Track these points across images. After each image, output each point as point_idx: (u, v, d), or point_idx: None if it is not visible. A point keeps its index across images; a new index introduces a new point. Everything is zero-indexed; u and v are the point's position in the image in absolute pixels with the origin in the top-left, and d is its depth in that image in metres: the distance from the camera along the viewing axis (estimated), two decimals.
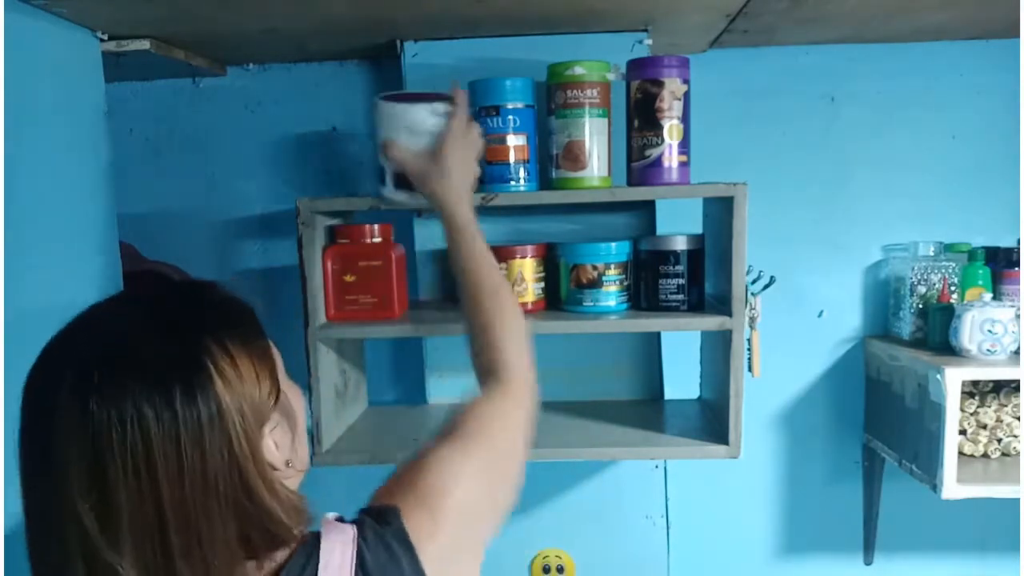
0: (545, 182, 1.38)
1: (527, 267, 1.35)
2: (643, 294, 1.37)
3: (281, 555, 0.70)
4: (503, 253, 1.34)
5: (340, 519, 0.74)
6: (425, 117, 1.11)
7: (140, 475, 0.61)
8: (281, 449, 0.71)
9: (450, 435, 0.85)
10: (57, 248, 1.17)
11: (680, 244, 1.33)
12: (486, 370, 0.98)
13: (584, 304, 1.34)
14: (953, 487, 1.40)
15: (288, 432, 0.73)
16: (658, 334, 1.55)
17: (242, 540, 0.66)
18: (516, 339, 1.00)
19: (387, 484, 0.79)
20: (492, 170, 1.32)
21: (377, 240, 1.37)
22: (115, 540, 0.62)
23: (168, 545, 0.63)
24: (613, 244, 1.35)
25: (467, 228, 1.06)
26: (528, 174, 1.34)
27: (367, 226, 1.36)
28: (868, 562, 1.80)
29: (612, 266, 1.34)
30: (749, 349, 1.34)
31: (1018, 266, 1.52)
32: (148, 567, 0.63)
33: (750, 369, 1.35)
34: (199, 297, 0.72)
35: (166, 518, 0.62)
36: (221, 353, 0.65)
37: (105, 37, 1.31)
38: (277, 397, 0.71)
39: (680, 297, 1.33)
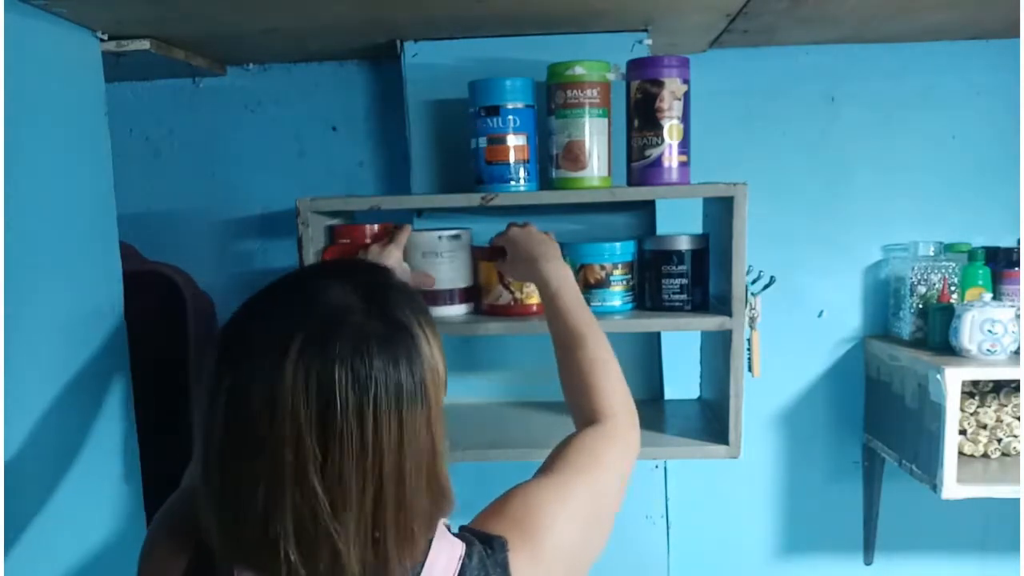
0: (545, 182, 1.38)
1: None
2: (647, 294, 1.37)
3: None
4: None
5: (448, 527, 0.76)
6: (434, 242, 1.31)
7: (367, 443, 0.64)
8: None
9: (551, 470, 0.85)
10: (57, 248, 1.17)
11: (683, 244, 1.33)
12: (586, 415, 0.96)
13: (591, 304, 1.33)
14: (953, 487, 1.40)
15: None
16: (658, 334, 1.55)
17: (429, 515, 0.70)
18: (612, 379, 0.99)
19: (493, 511, 0.79)
20: (492, 170, 1.32)
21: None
22: (342, 516, 0.64)
23: (384, 522, 0.66)
24: (619, 244, 1.35)
25: (554, 289, 1.09)
26: (528, 174, 1.34)
27: (367, 226, 1.36)
28: (868, 562, 1.80)
29: (619, 266, 1.34)
30: (749, 349, 1.34)
31: (1018, 266, 1.52)
32: (364, 544, 0.65)
33: (750, 369, 1.35)
34: (398, 284, 0.75)
35: (385, 495, 0.65)
36: (424, 337, 0.70)
37: (105, 37, 1.31)
38: (445, 389, 0.75)
39: (683, 297, 1.33)
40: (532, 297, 1.34)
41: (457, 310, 1.35)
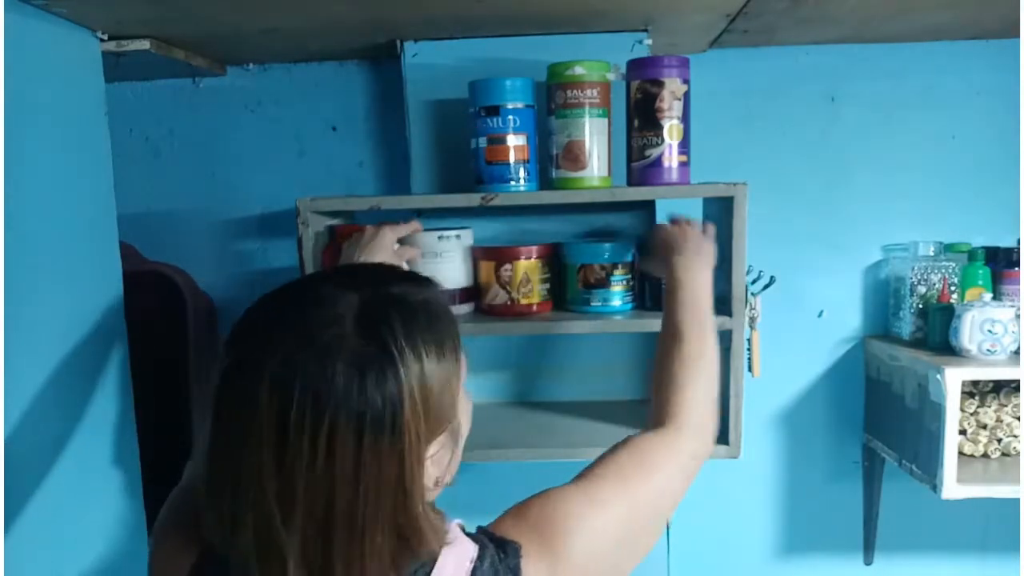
0: (545, 182, 1.38)
1: (532, 268, 1.35)
2: (647, 294, 1.37)
3: None
4: (507, 254, 1.34)
5: (462, 527, 0.73)
6: (434, 242, 1.34)
7: (318, 465, 0.62)
8: (436, 468, 0.71)
9: (592, 475, 0.80)
10: (57, 248, 1.17)
11: None
12: (656, 416, 0.92)
13: (592, 304, 1.34)
14: (953, 487, 1.40)
15: (449, 452, 0.73)
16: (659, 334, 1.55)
17: (392, 555, 0.66)
18: (698, 386, 0.94)
19: (514, 513, 0.76)
20: (492, 170, 1.32)
21: None
22: (290, 528, 0.63)
23: (331, 549, 0.63)
24: (619, 244, 1.35)
25: (675, 282, 1.06)
26: (528, 174, 1.34)
27: (367, 226, 1.36)
28: (868, 562, 1.80)
29: (619, 266, 1.34)
30: (749, 349, 1.34)
31: (1018, 266, 1.52)
32: (311, 567, 0.63)
33: (750, 369, 1.35)
34: (414, 301, 0.70)
35: (334, 521, 0.63)
36: (415, 363, 0.65)
37: (105, 37, 1.31)
38: (449, 422, 0.71)
39: None
40: (528, 297, 1.34)
41: (457, 310, 1.35)
